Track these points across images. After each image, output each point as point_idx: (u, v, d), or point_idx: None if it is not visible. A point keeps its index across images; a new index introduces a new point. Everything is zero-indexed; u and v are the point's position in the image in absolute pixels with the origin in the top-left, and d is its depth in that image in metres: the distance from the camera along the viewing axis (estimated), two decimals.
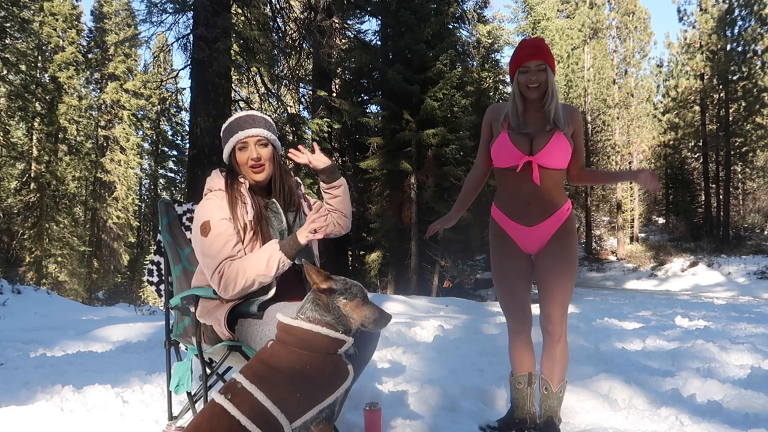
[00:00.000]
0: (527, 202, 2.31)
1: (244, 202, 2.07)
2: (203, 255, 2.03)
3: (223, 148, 2.20)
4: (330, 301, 1.69)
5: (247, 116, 2.17)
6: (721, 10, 23.79)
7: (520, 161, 2.26)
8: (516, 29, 27.69)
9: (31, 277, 22.98)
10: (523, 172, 2.28)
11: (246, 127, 2.13)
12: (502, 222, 2.41)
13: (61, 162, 26.57)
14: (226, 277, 1.96)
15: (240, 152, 2.12)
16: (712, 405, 2.72)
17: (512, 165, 2.29)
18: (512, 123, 2.30)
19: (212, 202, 2.06)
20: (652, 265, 23.53)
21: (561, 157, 2.28)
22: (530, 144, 2.28)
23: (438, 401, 2.71)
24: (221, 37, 9.87)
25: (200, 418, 1.57)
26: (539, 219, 2.31)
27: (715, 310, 9.79)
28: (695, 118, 26.31)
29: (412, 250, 14.31)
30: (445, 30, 15.74)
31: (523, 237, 2.36)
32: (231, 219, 2.03)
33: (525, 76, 2.24)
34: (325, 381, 1.62)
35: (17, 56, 21.81)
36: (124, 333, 5.56)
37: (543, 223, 2.31)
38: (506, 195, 2.39)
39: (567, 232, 2.34)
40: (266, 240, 2.05)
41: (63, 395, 2.80)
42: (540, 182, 2.27)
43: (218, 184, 2.11)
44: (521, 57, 2.26)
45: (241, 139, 2.11)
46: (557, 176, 2.33)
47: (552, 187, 2.31)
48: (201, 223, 2.03)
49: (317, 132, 14.37)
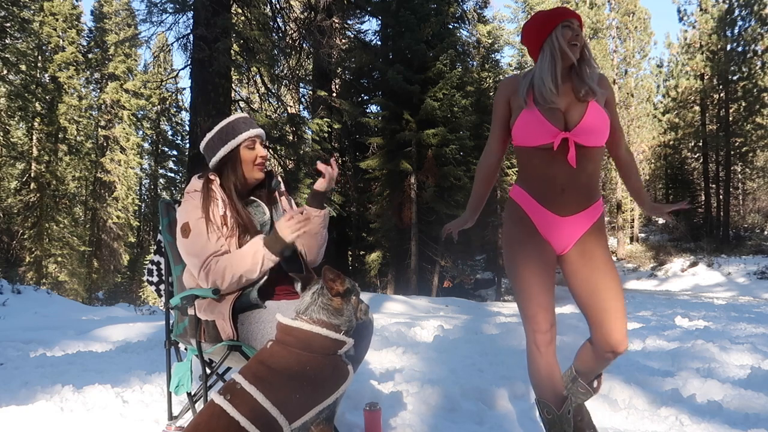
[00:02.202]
0: (561, 189, 1.89)
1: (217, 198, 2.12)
2: (188, 255, 2.08)
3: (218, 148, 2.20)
4: (345, 302, 1.70)
5: (246, 118, 2.26)
6: (721, 10, 23.79)
7: (557, 138, 1.85)
8: (516, 29, 27.65)
9: (31, 277, 22.98)
10: (558, 152, 1.87)
11: (250, 127, 2.21)
12: (527, 206, 1.95)
13: (61, 162, 26.57)
14: (213, 273, 2.00)
15: (248, 151, 2.19)
16: (712, 405, 2.72)
17: (547, 143, 1.87)
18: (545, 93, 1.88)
19: (188, 204, 2.12)
20: (652, 265, 23.53)
21: (601, 132, 1.89)
22: (564, 118, 1.88)
23: (438, 401, 2.71)
24: (221, 37, 9.87)
25: (200, 419, 1.57)
26: (574, 209, 1.91)
27: (715, 310, 9.78)
28: (695, 118, 26.31)
29: (412, 250, 14.31)
30: (445, 30, 15.75)
31: (552, 228, 1.92)
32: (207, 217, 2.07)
33: (570, 31, 1.88)
34: (325, 382, 1.62)
35: (17, 56, 21.82)
36: (124, 333, 5.56)
37: (578, 215, 1.91)
38: (535, 178, 1.95)
39: (603, 230, 1.96)
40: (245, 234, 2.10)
41: (63, 395, 2.80)
42: (576, 164, 1.86)
43: (194, 187, 2.16)
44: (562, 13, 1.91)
45: (252, 136, 2.19)
46: (596, 158, 1.92)
47: (591, 171, 1.92)
48: (181, 225, 2.10)
49: (317, 132, 14.37)
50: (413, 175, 14.27)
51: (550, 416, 1.91)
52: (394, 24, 14.68)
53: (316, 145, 14.68)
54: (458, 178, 14.22)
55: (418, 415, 2.55)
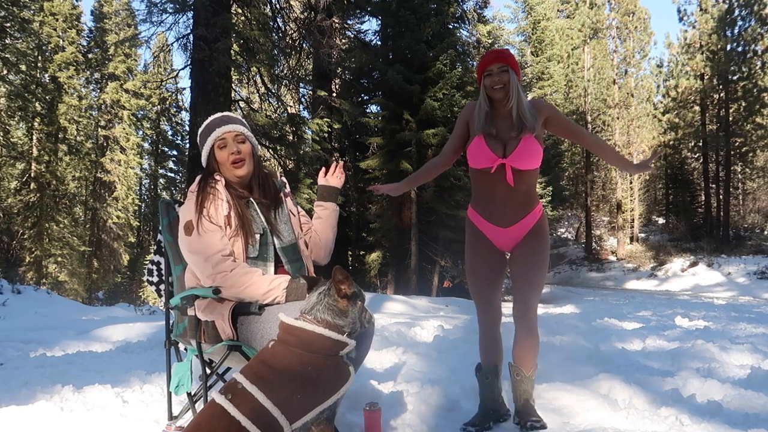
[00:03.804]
0: (503, 204, 2.43)
1: (221, 198, 2.10)
2: (191, 252, 2.07)
3: (200, 152, 2.23)
4: (350, 305, 1.71)
5: (222, 116, 2.24)
6: (721, 10, 23.78)
7: (494, 163, 2.38)
8: (516, 29, 27.73)
9: (31, 277, 22.98)
10: (498, 173, 2.38)
11: (222, 125, 2.18)
12: (478, 223, 2.52)
13: (61, 162, 26.57)
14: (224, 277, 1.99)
15: (220, 150, 2.17)
16: (712, 405, 2.72)
17: (486, 167, 2.40)
18: (477, 125, 2.43)
19: (191, 202, 2.12)
20: (652, 265, 23.53)
21: (533, 158, 2.37)
22: (504, 147, 2.39)
23: (438, 401, 2.71)
24: (221, 37, 9.87)
25: (200, 419, 1.57)
26: (514, 220, 2.43)
27: (715, 310, 9.78)
28: (695, 118, 26.30)
29: (412, 250, 14.31)
30: (445, 30, 15.74)
31: (498, 237, 2.48)
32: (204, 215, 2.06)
33: (489, 79, 2.40)
34: (326, 382, 1.62)
35: (17, 56, 21.82)
36: (124, 333, 5.56)
37: (518, 223, 2.44)
38: (482, 197, 2.50)
39: (540, 230, 2.46)
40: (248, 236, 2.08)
41: (63, 395, 2.80)
42: (514, 184, 2.39)
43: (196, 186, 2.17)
44: (485, 63, 2.43)
45: (219, 136, 2.16)
46: (530, 178, 2.44)
47: (526, 188, 2.43)
48: (184, 224, 2.09)
49: (317, 132, 14.37)
50: None
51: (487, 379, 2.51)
52: (394, 24, 14.68)
53: (316, 145, 14.68)
54: (458, 178, 14.20)
55: (418, 415, 2.55)
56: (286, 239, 2.19)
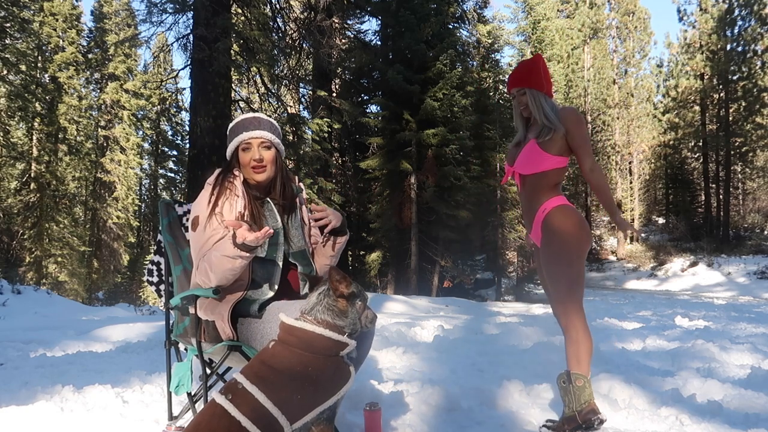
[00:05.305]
0: (524, 208, 2.62)
1: (237, 195, 2.10)
2: (192, 250, 2.11)
3: (227, 146, 2.23)
4: (349, 305, 1.70)
5: (253, 118, 2.19)
6: (721, 10, 23.78)
7: (508, 171, 2.63)
8: (516, 29, 27.66)
9: (31, 277, 22.98)
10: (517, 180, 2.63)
11: (251, 128, 2.15)
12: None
13: (61, 162, 26.56)
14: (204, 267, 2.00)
15: (243, 153, 2.16)
16: (712, 405, 2.72)
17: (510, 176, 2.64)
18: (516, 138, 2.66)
19: (203, 197, 2.12)
20: (652, 265, 23.53)
21: (530, 164, 2.49)
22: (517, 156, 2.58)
23: (438, 401, 2.71)
24: (221, 37, 9.87)
25: (200, 419, 1.57)
26: (530, 221, 2.59)
27: (715, 310, 9.78)
28: (695, 118, 26.30)
29: (412, 250, 14.31)
30: (445, 30, 15.73)
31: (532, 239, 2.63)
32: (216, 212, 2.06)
33: (515, 101, 2.59)
34: (327, 382, 1.62)
35: (17, 56, 21.82)
36: (124, 333, 5.56)
37: (533, 224, 2.56)
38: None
39: (548, 226, 2.49)
40: None
41: (63, 395, 2.81)
42: (521, 188, 2.59)
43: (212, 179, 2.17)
44: (508, 88, 2.62)
45: (245, 140, 2.14)
46: (536, 181, 2.51)
47: (531, 191, 2.54)
48: (193, 217, 2.10)
49: (317, 132, 14.37)
50: (413, 175, 14.27)
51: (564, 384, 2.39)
52: (394, 24, 14.67)
53: (316, 145, 14.68)
54: (458, 178, 14.20)
55: (418, 415, 2.55)
56: (296, 245, 2.18)
